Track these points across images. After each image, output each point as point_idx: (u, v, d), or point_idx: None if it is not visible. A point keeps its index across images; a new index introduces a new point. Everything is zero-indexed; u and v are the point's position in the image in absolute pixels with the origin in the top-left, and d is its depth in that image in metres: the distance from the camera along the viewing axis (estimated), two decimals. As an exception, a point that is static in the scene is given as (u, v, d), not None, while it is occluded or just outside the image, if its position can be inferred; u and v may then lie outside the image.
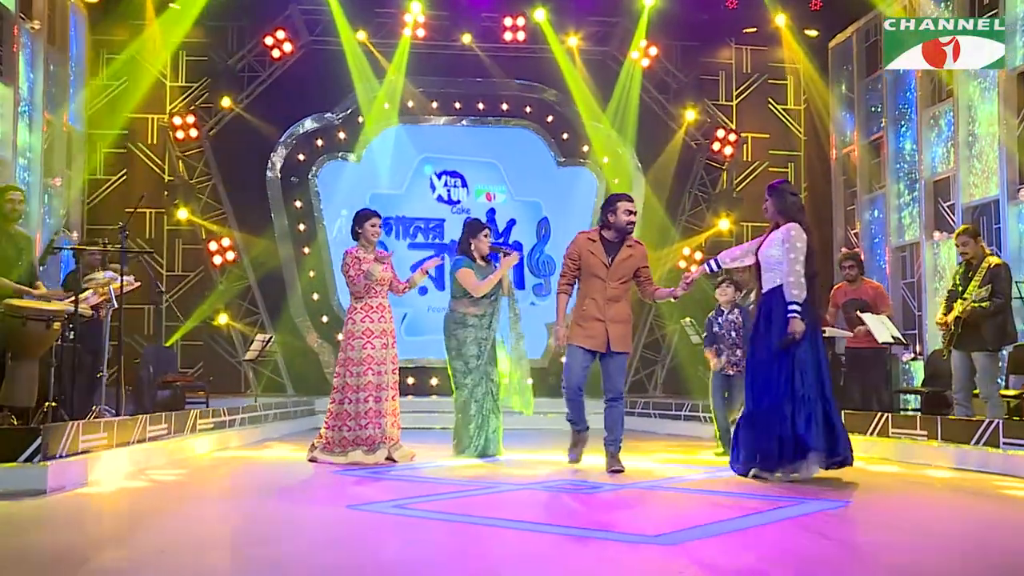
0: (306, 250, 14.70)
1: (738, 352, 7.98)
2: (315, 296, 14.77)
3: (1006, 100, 10.28)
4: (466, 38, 14.64)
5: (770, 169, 15.35)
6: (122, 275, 7.74)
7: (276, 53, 14.37)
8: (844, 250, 11.77)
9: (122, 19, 13.96)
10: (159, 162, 14.55)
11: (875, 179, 13.71)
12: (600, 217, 7.06)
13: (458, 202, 15.13)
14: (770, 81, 15.55)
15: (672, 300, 7.29)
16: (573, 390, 6.86)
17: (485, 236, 8.12)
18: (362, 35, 14.42)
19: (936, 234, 11.73)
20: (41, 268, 8.47)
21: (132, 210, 8.48)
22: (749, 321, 7.50)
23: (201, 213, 14.29)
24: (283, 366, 14.54)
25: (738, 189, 15.23)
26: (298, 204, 14.84)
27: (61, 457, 5.74)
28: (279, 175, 14.74)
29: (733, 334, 8.10)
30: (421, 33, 14.51)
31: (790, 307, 6.22)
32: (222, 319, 14.07)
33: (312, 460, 7.54)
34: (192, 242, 14.45)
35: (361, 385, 7.53)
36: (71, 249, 9.55)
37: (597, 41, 14.93)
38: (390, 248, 13.04)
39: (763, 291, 6.58)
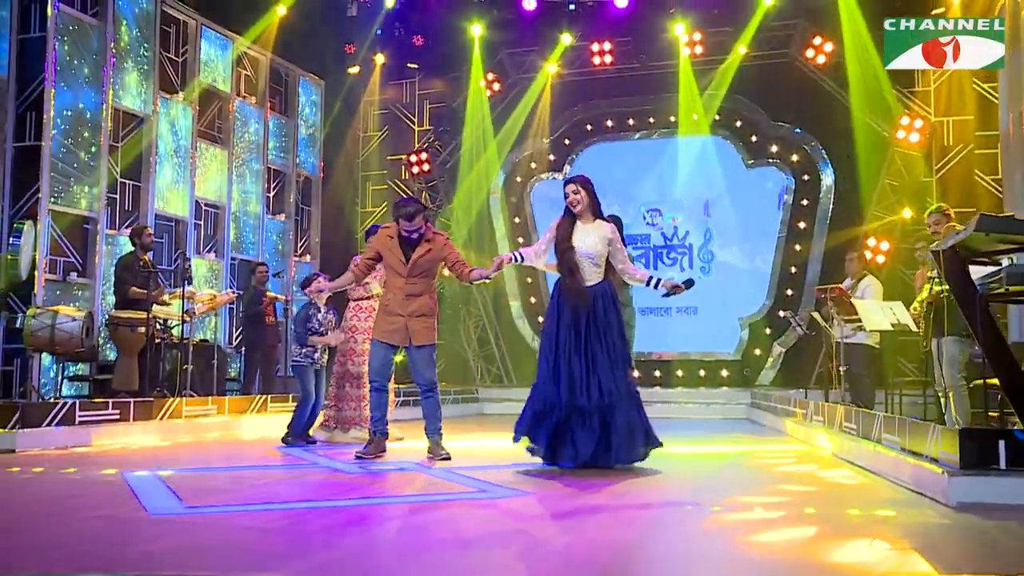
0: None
1: None
2: (532, 300, 15.01)
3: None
4: (644, 58, 14.09)
5: (975, 152, 12.96)
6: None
7: (488, 93, 14.85)
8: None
9: (367, 81, 15.41)
10: (411, 193, 15.64)
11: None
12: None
13: (655, 224, 14.67)
14: (972, 60, 13.09)
15: (486, 281, 6.63)
16: (376, 380, 6.42)
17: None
18: (553, 68, 14.46)
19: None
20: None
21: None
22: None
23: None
24: (502, 360, 14.94)
25: (938, 175, 13.05)
26: (517, 220, 15.22)
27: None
28: (501, 195, 15.22)
29: None
30: (608, 60, 14.23)
31: (656, 281, 5.99)
32: (449, 320, 14.80)
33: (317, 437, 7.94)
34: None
35: (342, 373, 7.84)
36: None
37: (776, 45, 13.62)
38: None
39: (589, 284, 5.91)
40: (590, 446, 5.50)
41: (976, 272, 5.37)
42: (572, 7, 13.30)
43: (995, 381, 6.06)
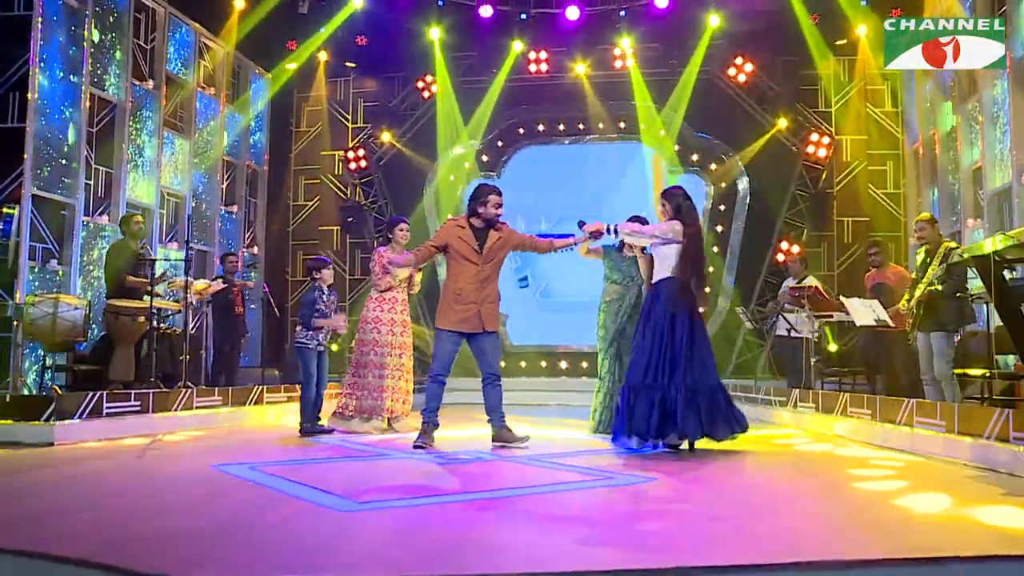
0: (458, 255, 14.90)
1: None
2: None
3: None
4: (582, 68, 14.32)
5: (869, 168, 13.96)
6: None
7: (426, 94, 14.72)
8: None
9: (311, 78, 14.97)
10: (344, 189, 15.30)
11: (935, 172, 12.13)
12: (468, 207, 6.42)
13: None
14: (868, 87, 14.06)
15: (573, 248, 6.67)
16: (442, 374, 6.33)
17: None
18: (495, 72, 14.48)
19: (970, 222, 10.18)
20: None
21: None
22: None
23: (373, 230, 14.88)
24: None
25: (838, 187, 13.96)
26: (450, 216, 15.10)
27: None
28: (435, 194, 15.11)
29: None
30: (544, 68, 14.39)
31: (617, 226, 6.26)
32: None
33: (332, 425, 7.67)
34: (367, 252, 15.04)
35: (365, 363, 7.66)
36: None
37: (700, 62, 14.11)
38: None
39: (653, 281, 6.15)
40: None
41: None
42: (524, 17, 13.35)
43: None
